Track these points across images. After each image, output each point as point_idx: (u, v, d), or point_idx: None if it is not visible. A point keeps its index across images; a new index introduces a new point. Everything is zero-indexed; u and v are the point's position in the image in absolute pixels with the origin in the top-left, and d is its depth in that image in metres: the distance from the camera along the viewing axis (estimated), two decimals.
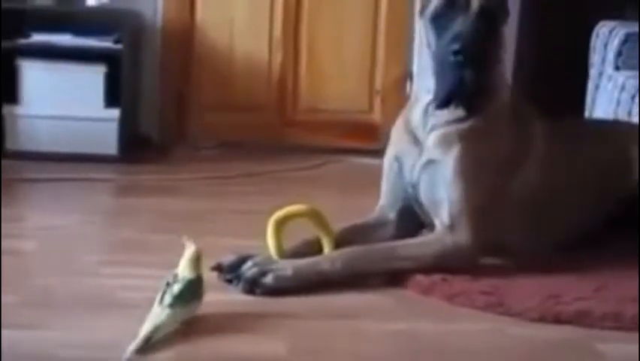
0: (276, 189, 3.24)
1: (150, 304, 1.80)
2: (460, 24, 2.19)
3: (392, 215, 2.36)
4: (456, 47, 2.14)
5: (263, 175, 3.45)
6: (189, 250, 1.90)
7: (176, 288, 1.82)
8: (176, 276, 1.86)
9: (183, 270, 1.87)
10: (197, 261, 1.89)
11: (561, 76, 3.96)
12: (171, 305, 1.79)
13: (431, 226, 2.28)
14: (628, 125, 2.81)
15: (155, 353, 1.69)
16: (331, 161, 3.75)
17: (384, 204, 2.38)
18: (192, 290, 1.85)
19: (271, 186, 3.30)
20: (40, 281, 2.06)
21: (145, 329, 1.73)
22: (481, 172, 2.23)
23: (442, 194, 2.22)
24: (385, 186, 2.39)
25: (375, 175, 2.47)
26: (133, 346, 1.68)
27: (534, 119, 2.37)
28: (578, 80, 3.58)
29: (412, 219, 2.33)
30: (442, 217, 2.22)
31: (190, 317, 1.84)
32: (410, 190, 2.30)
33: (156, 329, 1.74)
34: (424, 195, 2.27)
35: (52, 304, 1.91)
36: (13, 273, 2.07)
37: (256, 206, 2.79)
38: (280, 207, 2.21)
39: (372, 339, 1.85)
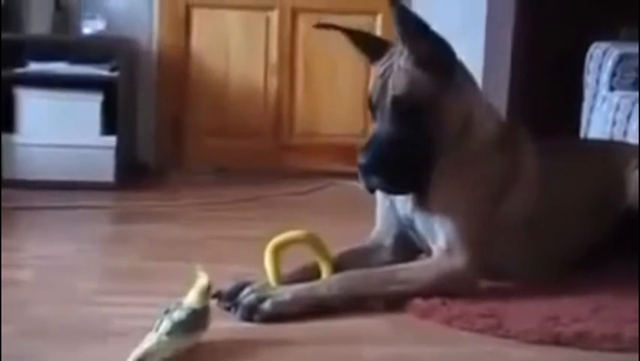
0: (273, 215, 3.24)
1: (146, 333, 1.79)
2: (376, 122, 2.19)
3: (388, 240, 2.36)
4: (361, 160, 2.15)
5: (260, 200, 3.45)
6: (201, 280, 1.89)
7: (177, 315, 1.81)
8: (180, 304, 1.85)
9: (191, 299, 1.86)
10: (207, 292, 1.88)
11: (556, 97, 3.97)
12: (169, 333, 1.78)
13: (428, 251, 2.27)
14: (622, 144, 2.81)
15: None
16: (328, 185, 3.75)
17: (379, 230, 2.38)
18: (196, 320, 1.83)
19: (268, 212, 3.30)
20: (35, 310, 2.05)
21: (133, 355, 1.72)
22: (473, 199, 2.22)
23: (437, 222, 2.21)
24: (379, 214, 2.39)
25: (372, 199, 2.47)
26: None
27: (525, 141, 2.36)
28: (572, 101, 3.59)
29: (408, 244, 2.33)
30: (439, 243, 2.21)
31: (191, 346, 1.82)
32: (405, 221, 2.30)
33: (146, 355, 1.73)
34: (419, 225, 2.27)
35: (47, 334, 1.90)
36: (8, 302, 2.06)
37: (253, 232, 2.79)
38: (278, 232, 2.21)
39: None
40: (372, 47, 2.27)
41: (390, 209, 2.34)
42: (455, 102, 2.21)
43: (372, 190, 2.23)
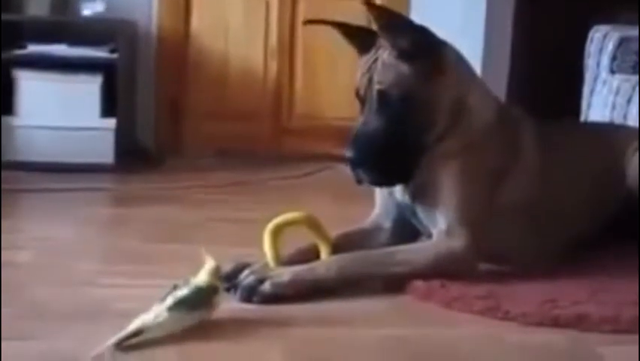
0: (272, 197, 3.24)
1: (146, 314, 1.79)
2: (363, 115, 2.20)
3: (387, 223, 2.36)
4: (348, 153, 2.15)
5: (258, 183, 3.45)
6: (210, 261, 1.89)
7: (182, 292, 1.81)
8: (187, 281, 1.85)
9: (200, 278, 1.87)
10: (215, 272, 1.88)
11: (556, 80, 3.96)
12: (170, 309, 1.78)
13: (428, 235, 2.27)
14: (621, 127, 2.81)
15: (139, 350, 1.68)
16: (326, 168, 3.75)
17: (378, 213, 2.38)
18: (200, 298, 1.83)
19: (267, 194, 3.30)
20: (35, 292, 2.05)
21: (132, 325, 1.72)
22: (472, 183, 2.22)
23: (437, 207, 2.21)
24: (378, 199, 2.39)
25: None
26: (113, 339, 1.68)
27: (524, 125, 2.35)
28: (573, 84, 3.59)
29: (407, 227, 2.33)
30: (439, 225, 2.21)
31: (194, 323, 1.83)
32: (404, 207, 2.30)
33: (146, 328, 1.73)
34: (418, 211, 2.27)
35: (47, 315, 1.90)
36: (7, 284, 2.06)
37: (252, 214, 2.79)
38: (276, 215, 2.21)
39: (370, 346, 1.85)
40: (361, 40, 2.27)
41: (388, 195, 2.34)
42: (444, 90, 2.20)
43: (360, 182, 2.23)
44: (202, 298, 1.84)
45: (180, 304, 1.80)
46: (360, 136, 2.18)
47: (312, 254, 2.20)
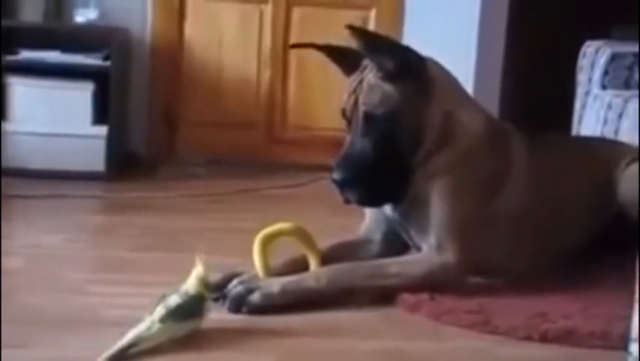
0: (264, 207, 3.24)
1: (136, 322, 1.79)
2: (350, 136, 2.20)
3: (377, 235, 2.36)
4: (334, 175, 2.16)
5: (251, 193, 3.45)
6: (198, 268, 1.89)
7: (173, 301, 1.81)
8: (176, 290, 1.85)
9: (188, 286, 1.86)
10: (203, 280, 1.88)
11: (548, 95, 3.98)
12: (162, 320, 1.78)
13: (418, 248, 2.27)
14: (612, 142, 2.82)
15: None
16: (320, 179, 3.75)
17: (369, 225, 2.38)
18: (190, 307, 1.83)
19: (259, 204, 3.30)
20: (25, 299, 2.05)
21: (126, 339, 1.72)
22: (464, 196, 2.23)
23: (427, 220, 2.21)
24: (368, 212, 2.38)
25: None
26: (106, 354, 1.67)
27: (515, 137, 2.35)
28: (564, 98, 3.60)
29: (397, 239, 2.33)
30: (429, 238, 2.22)
31: (185, 333, 1.82)
32: (393, 221, 2.31)
33: (139, 340, 1.73)
34: (409, 225, 2.27)
35: (36, 323, 1.90)
36: None
37: (244, 224, 2.78)
38: (268, 225, 2.21)
39: (358, 357, 1.85)
40: (347, 61, 2.27)
41: (378, 209, 2.33)
42: (431, 108, 2.20)
43: (349, 202, 2.23)
44: (192, 306, 1.84)
45: (172, 315, 1.79)
46: (346, 157, 2.18)
47: (301, 265, 2.20)
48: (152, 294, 1.87)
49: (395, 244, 2.33)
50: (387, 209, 2.30)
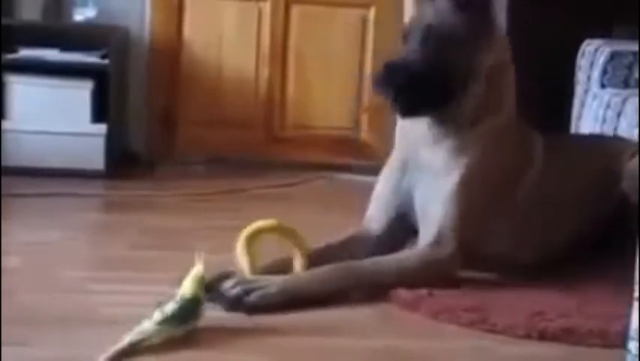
0: (263, 206, 3.24)
1: (135, 321, 1.79)
2: (407, 48, 2.25)
3: (376, 228, 2.36)
4: (381, 84, 2.22)
5: (250, 192, 3.44)
6: (196, 268, 1.89)
7: (171, 307, 1.81)
8: (172, 297, 1.84)
9: (184, 289, 1.86)
10: (200, 281, 1.88)
11: (547, 94, 3.98)
12: (160, 323, 1.78)
13: (412, 243, 2.29)
14: (615, 138, 2.88)
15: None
16: (319, 178, 3.75)
17: (370, 216, 2.38)
18: (188, 311, 1.83)
19: (258, 203, 3.30)
20: (24, 297, 2.05)
21: (127, 339, 1.72)
22: (487, 182, 2.28)
23: (438, 205, 2.24)
24: (382, 189, 2.38)
25: (362, 192, 2.47)
26: (104, 355, 1.67)
27: (533, 132, 2.43)
28: (564, 97, 3.60)
29: (396, 234, 2.34)
30: (429, 230, 2.23)
31: (183, 334, 1.82)
32: (405, 197, 2.32)
33: (139, 340, 1.73)
34: (418, 204, 2.28)
35: (35, 321, 1.90)
36: None
37: (243, 223, 2.77)
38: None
39: (355, 356, 1.84)
40: None
41: (398, 181, 2.34)
42: (487, 55, 2.29)
43: (399, 111, 2.26)
44: (189, 310, 1.84)
45: (169, 321, 1.79)
46: (399, 64, 2.22)
47: (291, 264, 2.19)
48: (152, 292, 1.88)
49: (394, 240, 2.33)
50: (409, 179, 2.31)
